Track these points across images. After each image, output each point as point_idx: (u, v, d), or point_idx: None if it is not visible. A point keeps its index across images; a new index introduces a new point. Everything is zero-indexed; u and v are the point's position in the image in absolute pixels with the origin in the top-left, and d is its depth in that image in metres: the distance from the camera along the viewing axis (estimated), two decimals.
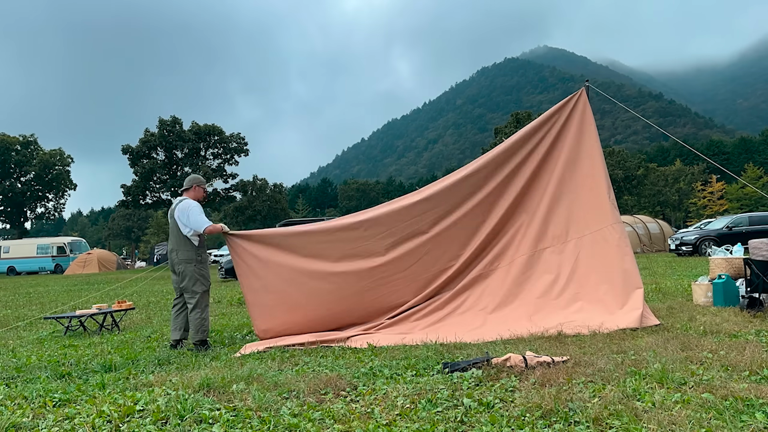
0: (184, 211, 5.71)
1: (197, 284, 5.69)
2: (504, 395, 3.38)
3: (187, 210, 5.70)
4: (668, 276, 11.44)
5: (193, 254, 5.72)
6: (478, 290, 6.20)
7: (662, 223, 27.10)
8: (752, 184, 67.84)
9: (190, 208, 5.71)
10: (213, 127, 46.75)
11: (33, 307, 12.07)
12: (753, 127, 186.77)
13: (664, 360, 3.97)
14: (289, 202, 78.37)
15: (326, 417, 3.15)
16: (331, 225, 6.31)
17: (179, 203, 5.81)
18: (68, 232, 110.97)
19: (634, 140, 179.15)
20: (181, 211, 5.72)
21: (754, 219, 20.03)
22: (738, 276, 6.99)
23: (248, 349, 5.45)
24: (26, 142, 50.53)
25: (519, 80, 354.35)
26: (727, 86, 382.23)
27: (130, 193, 44.67)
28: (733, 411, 2.87)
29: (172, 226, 5.78)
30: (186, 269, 5.68)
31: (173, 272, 5.80)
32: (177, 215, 5.72)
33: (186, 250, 5.69)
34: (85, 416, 3.34)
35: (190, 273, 5.68)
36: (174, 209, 5.79)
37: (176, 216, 5.72)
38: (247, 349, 5.43)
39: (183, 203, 5.80)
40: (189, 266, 5.68)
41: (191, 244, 5.72)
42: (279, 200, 65.25)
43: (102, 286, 18.26)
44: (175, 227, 5.74)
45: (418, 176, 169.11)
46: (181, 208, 5.74)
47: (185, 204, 5.77)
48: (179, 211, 5.73)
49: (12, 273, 37.37)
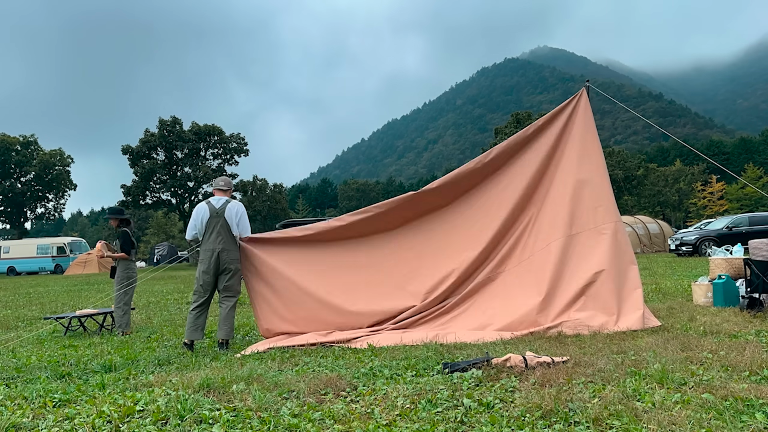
0: (239, 213, 5.97)
1: (240, 283, 5.99)
2: (504, 395, 3.38)
3: (242, 213, 6.01)
4: (668, 276, 11.44)
5: (239, 254, 6.00)
6: (485, 295, 6.18)
7: (662, 224, 27.10)
8: (752, 184, 67.84)
9: (244, 212, 6.05)
10: (213, 128, 46.77)
11: (33, 307, 12.07)
12: (753, 127, 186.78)
13: (664, 360, 3.97)
14: (289, 202, 78.37)
15: (326, 417, 3.15)
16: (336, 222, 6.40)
17: (230, 203, 5.96)
18: (68, 232, 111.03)
19: (634, 140, 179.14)
20: (236, 213, 5.95)
21: (754, 219, 20.04)
22: (738, 276, 7.00)
23: (251, 350, 5.46)
24: (26, 142, 50.55)
25: (519, 80, 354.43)
26: (727, 86, 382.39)
27: (130, 193, 44.70)
28: (733, 411, 2.87)
29: (221, 225, 5.85)
30: (236, 268, 5.91)
31: (218, 272, 5.83)
32: (231, 215, 5.90)
33: (235, 250, 5.94)
34: (85, 416, 3.34)
35: (239, 272, 5.95)
36: (224, 208, 5.90)
37: (229, 216, 5.89)
38: (249, 350, 5.44)
39: (238, 205, 6.02)
40: (238, 265, 5.94)
41: (238, 245, 5.99)
42: (279, 200, 65.26)
43: (102, 287, 18.26)
44: (227, 227, 5.88)
45: (418, 176, 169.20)
46: (237, 210, 5.97)
47: (240, 207, 6.03)
48: (234, 212, 5.93)
49: (12, 273, 37.37)
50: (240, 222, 5.96)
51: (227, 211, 5.89)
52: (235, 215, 5.92)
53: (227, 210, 5.89)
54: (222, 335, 5.76)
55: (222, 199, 5.99)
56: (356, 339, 5.61)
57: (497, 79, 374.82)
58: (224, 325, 5.77)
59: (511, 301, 5.92)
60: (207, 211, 5.88)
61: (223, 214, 5.87)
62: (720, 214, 53.10)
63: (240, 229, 5.97)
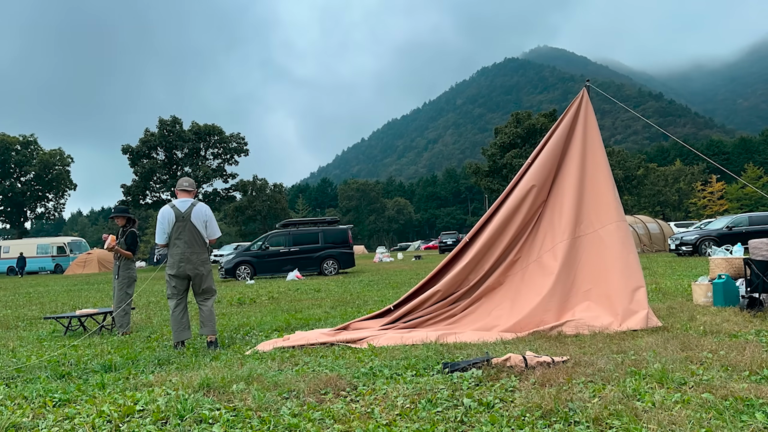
0: (207, 215, 5.91)
1: (213, 282, 5.98)
2: (504, 395, 3.38)
3: (210, 215, 5.98)
4: (668, 276, 11.44)
5: (208, 255, 5.97)
6: (493, 298, 6.21)
7: (662, 223, 27.08)
8: (752, 184, 67.86)
9: (212, 214, 6.02)
10: (213, 127, 46.78)
11: (33, 306, 12.07)
12: (753, 127, 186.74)
13: (664, 360, 3.97)
14: (289, 202, 78.35)
15: (326, 417, 3.15)
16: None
17: (195, 206, 5.85)
18: (68, 232, 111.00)
19: (634, 140, 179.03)
20: (206, 216, 5.88)
21: (754, 219, 20.03)
22: (738, 276, 6.99)
23: (261, 347, 5.48)
24: (26, 142, 50.57)
25: (519, 80, 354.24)
26: (727, 86, 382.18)
27: (130, 193, 44.68)
28: (733, 411, 2.87)
29: (188, 229, 5.76)
30: (208, 270, 5.89)
31: (191, 275, 5.78)
32: (198, 219, 5.81)
33: (204, 252, 5.91)
34: (85, 416, 3.34)
35: (210, 273, 5.93)
36: (190, 212, 5.79)
37: (196, 219, 5.80)
38: (260, 347, 5.46)
39: (206, 208, 5.96)
40: (209, 266, 5.94)
41: (207, 247, 5.94)
42: (279, 200, 65.20)
43: (102, 287, 18.26)
44: (194, 230, 5.79)
45: (418, 176, 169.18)
46: (207, 213, 5.93)
47: (207, 209, 5.96)
48: (204, 215, 5.87)
49: (12, 273, 37.35)
50: (209, 225, 5.88)
51: (194, 214, 5.79)
52: (202, 218, 5.82)
53: (194, 213, 5.79)
54: (208, 332, 5.75)
55: (187, 202, 5.86)
56: (361, 339, 5.60)
57: (497, 78, 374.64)
58: (209, 323, 5.76)
59: (518, 302, 5.94)
60: (173, 214, 5.76)
61: (189, 218, 5.77)
62: (720, 214, 53.10)
63: (209, 233, 5.89)
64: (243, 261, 19.63)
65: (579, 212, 6.18)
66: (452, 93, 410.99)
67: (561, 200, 6.32)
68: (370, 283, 14.48)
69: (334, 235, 20.69)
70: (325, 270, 19.99)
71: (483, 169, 44.45)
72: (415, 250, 67.93)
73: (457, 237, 45.29)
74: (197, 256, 5.77)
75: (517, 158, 40.62)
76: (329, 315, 7.98)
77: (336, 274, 19.93)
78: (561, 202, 6.31)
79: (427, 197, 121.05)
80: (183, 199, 5.90)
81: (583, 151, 6.36)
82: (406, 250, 71.05)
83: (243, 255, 20.15)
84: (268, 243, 20.16)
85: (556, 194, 6.39)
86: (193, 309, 8.66)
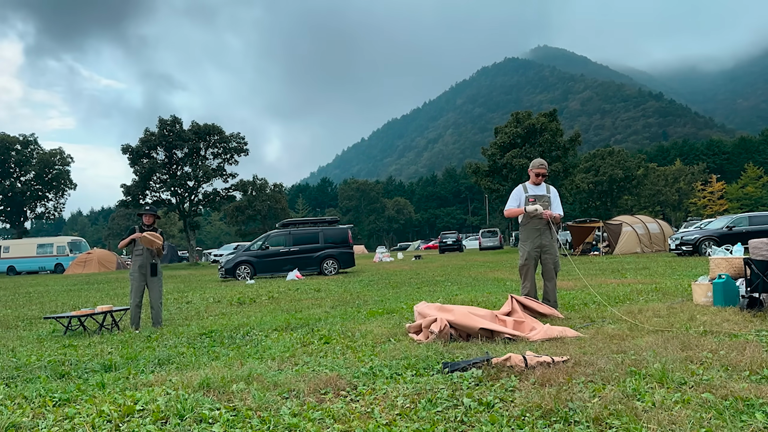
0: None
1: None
2: (504, 395, 3.38)
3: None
4: (668, 276, 11.44)
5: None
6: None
7: (662, 223, 27.08)
8: (752, 184, 67.89)
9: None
10: (213, 127, 46.76)
11: (33, 306, 12.08)
12: (753, 127, 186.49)
13: (664, 360, 3.97)
14: (289, 201, 78.32)
15: (326, 417, 3.15)
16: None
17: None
18: (68, 232, 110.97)
19: (634, 140, 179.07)
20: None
21: (754, 219, 20.04)
22: (738, 276, 6.99)
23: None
24: (26, 141, 50.54)
25: (519, 80, 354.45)
26: (727, 86, 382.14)
27: (130, 192, 44.66)
28: (733, 411, 2.87)
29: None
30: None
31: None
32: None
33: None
34: (85, 416, 3.34)
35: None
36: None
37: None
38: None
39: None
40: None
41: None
42: (279, 200, 65.18)
43: (102, 286, 18.26)
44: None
45: (418, 176, 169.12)
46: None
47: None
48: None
49: (12, 272, 37.36)
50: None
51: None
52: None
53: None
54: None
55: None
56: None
57: (497, 78, 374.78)
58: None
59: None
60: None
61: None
62: (720, 214, 53.10)
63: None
64: (243, 261, 19.64)
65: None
66: (452, 93, 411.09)
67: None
68: (370, 283, 14.49)
69: (334, 234, 20.70)
70: (325, 270, 19.99)
71: (483, 169, 44.39)
72: (415, 249, 67.98)
73: (457, 237, 45.33)
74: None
75: (517, 158, 40.53)
76: (329, 315, 7.98)
77: (336, 273, 19.93)
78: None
79: (427, 197, 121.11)
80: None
81: None
82: (406, 249, 71.07)
83: (243, 255, 20.15)
84: (268, 243, 20.17)
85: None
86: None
